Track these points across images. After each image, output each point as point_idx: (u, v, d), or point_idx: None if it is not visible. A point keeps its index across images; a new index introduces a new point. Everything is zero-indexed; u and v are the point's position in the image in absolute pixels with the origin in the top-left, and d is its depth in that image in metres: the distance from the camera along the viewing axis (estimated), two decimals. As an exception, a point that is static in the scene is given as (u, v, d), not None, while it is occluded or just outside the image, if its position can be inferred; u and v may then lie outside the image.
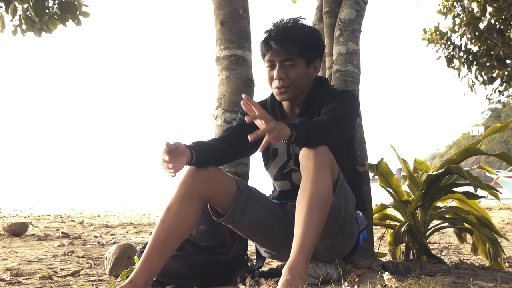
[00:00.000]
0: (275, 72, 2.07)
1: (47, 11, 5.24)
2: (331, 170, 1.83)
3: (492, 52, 8.99)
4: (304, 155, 1.83)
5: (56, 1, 5.30)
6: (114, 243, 4.26)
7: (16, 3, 5.08)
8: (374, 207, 2.75)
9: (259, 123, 1.73)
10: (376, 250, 2.56)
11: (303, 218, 1.75)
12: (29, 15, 5.23)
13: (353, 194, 2.06)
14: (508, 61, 9.24)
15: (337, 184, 1.89)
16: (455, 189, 2.65)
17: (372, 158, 2.68)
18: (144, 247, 2.22)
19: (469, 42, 9.10)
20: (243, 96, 1.75)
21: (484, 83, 9.55)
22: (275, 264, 2.87)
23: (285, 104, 2.18)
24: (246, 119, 1.74)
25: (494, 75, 9.52)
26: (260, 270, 2.19)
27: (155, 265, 1.89)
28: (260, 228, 2.07)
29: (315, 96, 2.12)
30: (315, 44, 2.12)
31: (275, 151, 2.18)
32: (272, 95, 2.22)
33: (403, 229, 2.63)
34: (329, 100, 2.05)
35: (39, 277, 2.65)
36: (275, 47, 2.04)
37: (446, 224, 2.82)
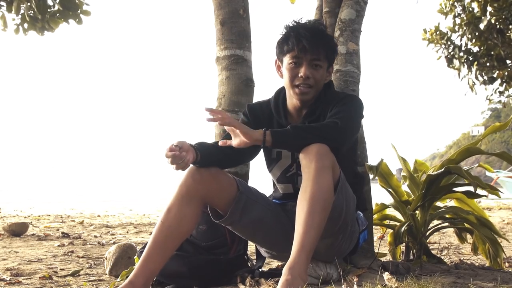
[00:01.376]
0: (302, 70, 2.05)
1: (49, 9, 5.24)
2: (332, 170, 1.83)
3: (492, 52, 8.97)
4: (305, 156, 1.83)
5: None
6: (114, 243, 4.26)
7: (18, 1, 5.08)
8: (374, 207, 2.75)
9: (229, 129, 1.84)
10: (376, 250, 2.56)
11: (304, 217, 1.75)
12: (31, 14, 5.22)
13: (353, 194, 2.06)
14: (508, 61, 9.23)
15: (338, 184, 1.89)
16: (455, 189, 2.65)
17: (372, 158, 2.68)
18: (144, 247, 2.21)
19: (469, 42, 9.09)
20: (205, 108, 1.81)
21: (484, 83, 9.54)
22: (275, 264, 2.87)
23: (291, 105, 2.16)
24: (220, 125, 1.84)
25: (495, 75, 9.51)
26: (260, 270, 2.19)
27: (155, 266, 1.88)
28: (260, 229, 2.07)
29: (321, 100, 2.12)
30: (336, 49, 2.17)
31: (279, 153, 2.17)
32: (276, 95, 2.21)
33: (403, 229, 2.63)
34: (334, 104, 2.05)
35: (39, 277, 2.65)
36: (308, 45, 2.03)
37: (446, 224, 2.82)
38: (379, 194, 3.07)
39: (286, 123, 2.12)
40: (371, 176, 2.58)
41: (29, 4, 5.15)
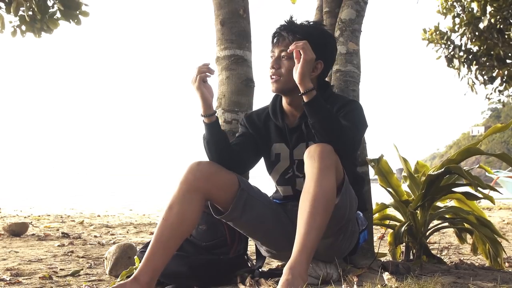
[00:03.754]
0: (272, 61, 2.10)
1: (49, 10, 5.24)
2: (335, 171, 1.83)
3: (492, 52, 8.97)
4: (309, 155, 1.83)
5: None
6: (114, 243, 4.26)
7: (17, 1, 5.07)
8: (374, 207, 2.76)
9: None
10: (376, 250, 2.56)
11: (306, 218, 1.75)
12: (30, 14, 5.22)
13: (355, 195, 2.06)
14: (508, 61, 9.22)
15: (343, 185, 1.89)
16: (455, 189, 2.65)
17: (372, 158, 2.69)
18: (144, 247, 2.22)
19: (469, 42, 9.09)
20: (291, 46, 1.91)
21: (484, 82, 9.54)
22: (275, 264, 2.87)
23: (286, 106, 2.17)
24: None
25: (494, 74, 9.51)
26: (260, 270, 2.19)
27: (159, 263, 1.88)
28: (261, 226, 2.07)
29: None
30: (319, 44, 2.06)
31: (278, 156, 2.17)
32: (274, 98, 2.23)
33: (403, 229, 2.63)
34: (336, 110, 2.03)
35: (39, 277, 2.65)
36: (277, 38, 2.09)
37: (446, 224, 2.82)
38: (379, 194, 3.07)
39: (283, 124, 2.14)
40: (371, 173, 2.58)
41: (28, 4, 5.15)
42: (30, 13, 5.18)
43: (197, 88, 1.97)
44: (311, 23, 2.14)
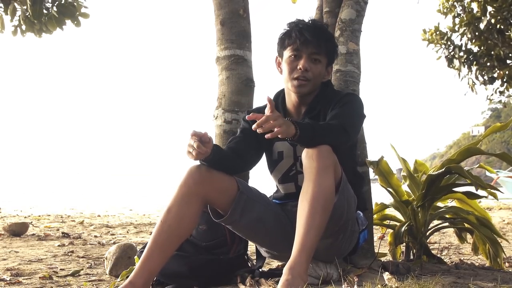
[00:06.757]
0: (301, 62, 2.07)
1: (45, 12, 5.23)
2: (333, 170, 1.83)
3: (492, 52, 8.96)
4: (307, 155, 1.83)
5: (55, 3, 5.28)
6: (114, 243, 4.26)
7: (15, 4, 5.08)
8: (374, 207, 2.75)
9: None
10: (376, 250, 2.56)
11: (305, 218, 1.75)
12: (28, 16, 5.22)
13: (354, 194, 2.06)
14: (508, 61, 9.21)
15: (340, 184, 1.89)
16: (455, 189, 2.65)
17: (372, 158, 2.68)
18: (144, 247, 2.22)
19: (469, 42, 9.08)
20: (247, 116, 1.81)
21: (484, 83, 9.53)
22: (275, 264, 2.87)
23: (290, 103, 2.17)
24: (253, 127, 1.76)
25: (495, 75, 9.50)
26: (260, 270, 2.19)
27: (155, 266, 1.88)
28: (260, 229, 2.07)
29: (320, 98, 2.13)
30: (336, 49, 2.20)
31: (281, 154, 2.17)
32: (276, 96, 2.22)
33: (403, 229, 2.63)
34: (335, 103, 2.05)
35: (39, 277, 2.65)
36: (310, 38, 2.06)
37: (446, 224, 2.82)
38: (379, 194, 3.07)
39: None
40: (371, 174, 2.58)
41: (25, 7, 5.14)
42: (28, 14, 5.18)
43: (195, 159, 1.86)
44: (319, 22, 2.19)
